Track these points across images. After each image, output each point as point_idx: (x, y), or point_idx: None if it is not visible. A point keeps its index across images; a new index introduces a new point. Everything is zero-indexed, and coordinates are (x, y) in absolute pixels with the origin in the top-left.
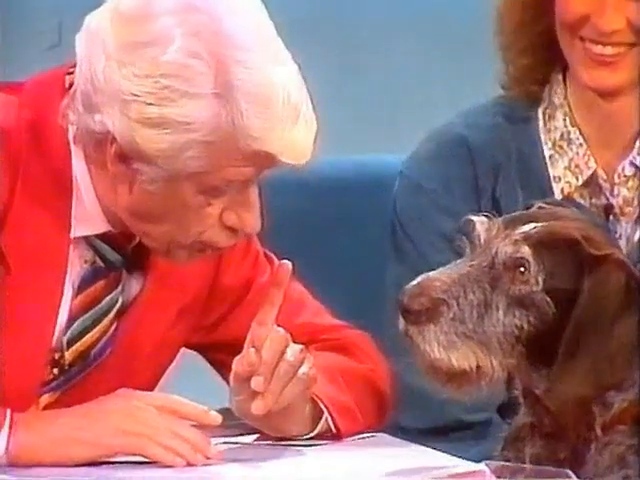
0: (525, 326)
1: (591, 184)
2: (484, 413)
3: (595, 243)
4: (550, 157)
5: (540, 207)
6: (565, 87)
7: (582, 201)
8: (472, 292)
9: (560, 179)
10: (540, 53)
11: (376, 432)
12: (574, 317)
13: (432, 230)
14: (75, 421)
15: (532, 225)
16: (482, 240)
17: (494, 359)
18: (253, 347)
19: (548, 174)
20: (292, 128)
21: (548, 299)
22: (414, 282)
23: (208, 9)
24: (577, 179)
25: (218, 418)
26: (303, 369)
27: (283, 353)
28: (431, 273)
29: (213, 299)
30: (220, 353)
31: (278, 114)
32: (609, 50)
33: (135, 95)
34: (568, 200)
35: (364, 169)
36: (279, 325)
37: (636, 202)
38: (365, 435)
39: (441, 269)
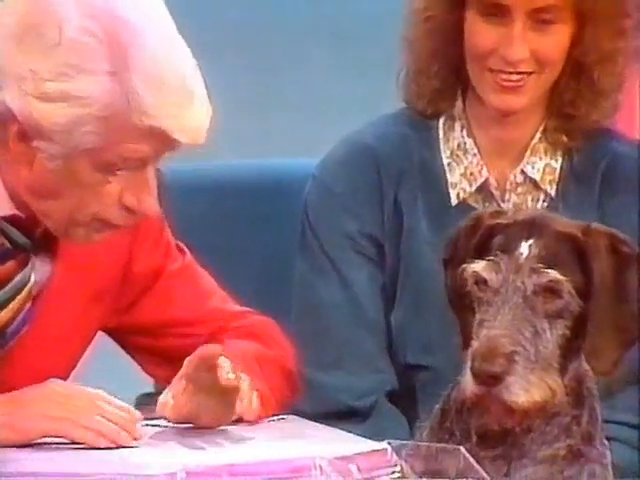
0: (567, 332)
1: (484, 190)
2: (371, 397)
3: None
4: (448, 164)
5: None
6: (464, 102)
7: (476, 205)
8: (525, 329)
9: (456, 185)
10: (449, 77)
11: (286, 414)
12: (594, 294)
13: (338, 231)
14: (0, 407)
15: (528, 242)
16: (498, 281)
17: (557, 377)
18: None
19: (446, 180)
20: (186, 108)
21: (580, 301)
22: (478, 346)
23: None
24: (471, 185)
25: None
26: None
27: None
28: (487, 332)
29: (125, 285)
30: (132, 336)
31: (172, 94)
32: (515, 77)
33: (33, 72)
34: (463, 206)
35: (266, 173)
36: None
37: (524, 207)
38: (276, 417)
39: (488, 324)
